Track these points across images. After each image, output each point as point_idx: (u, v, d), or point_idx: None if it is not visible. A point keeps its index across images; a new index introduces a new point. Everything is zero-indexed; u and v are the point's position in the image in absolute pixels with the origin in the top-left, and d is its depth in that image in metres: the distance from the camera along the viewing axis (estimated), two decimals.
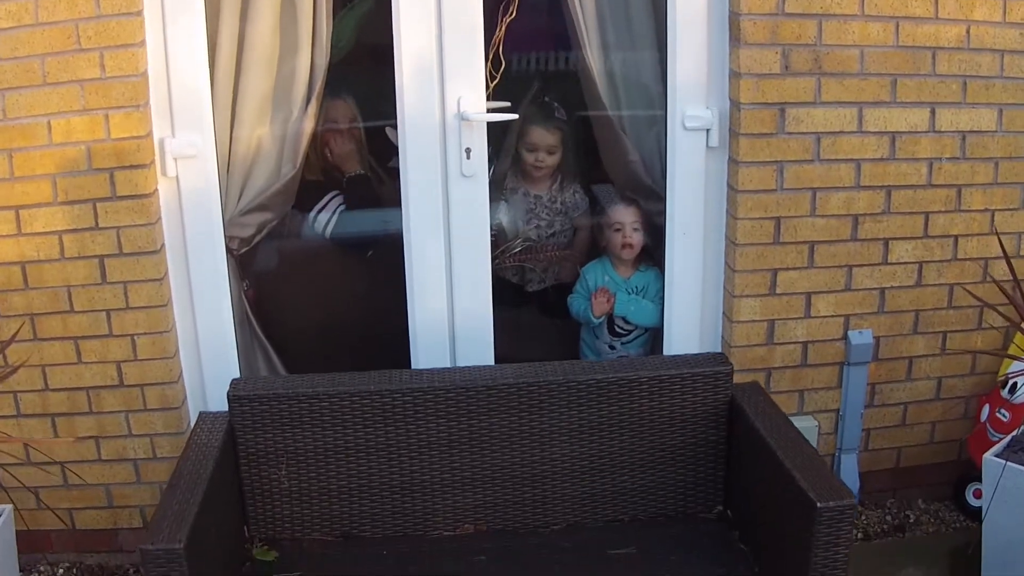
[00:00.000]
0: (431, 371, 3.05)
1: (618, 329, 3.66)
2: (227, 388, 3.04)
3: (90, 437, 3.44)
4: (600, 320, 3.64)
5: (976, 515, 3.59)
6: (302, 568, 2.96)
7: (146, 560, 2.49)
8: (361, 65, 3.69)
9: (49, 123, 3.13)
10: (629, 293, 3.63)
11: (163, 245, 3.30)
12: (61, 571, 3.59)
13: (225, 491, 2.91)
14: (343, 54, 3.62)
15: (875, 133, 3.34)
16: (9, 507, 3.14)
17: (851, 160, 3.35)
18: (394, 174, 3.41)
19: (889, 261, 3.46)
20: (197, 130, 3.24)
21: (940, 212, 3.45)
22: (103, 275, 3.28)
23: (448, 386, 2.96)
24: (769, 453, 2.77)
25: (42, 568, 3.59)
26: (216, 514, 2.77)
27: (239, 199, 3.42)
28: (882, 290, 3.48)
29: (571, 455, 3.04)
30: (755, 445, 2.86)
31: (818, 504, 2.54)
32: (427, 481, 3.03)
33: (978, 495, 3.60)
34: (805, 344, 3.48)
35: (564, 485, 3.07)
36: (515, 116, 3.31)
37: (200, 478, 2.74)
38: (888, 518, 3.69)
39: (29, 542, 3.47)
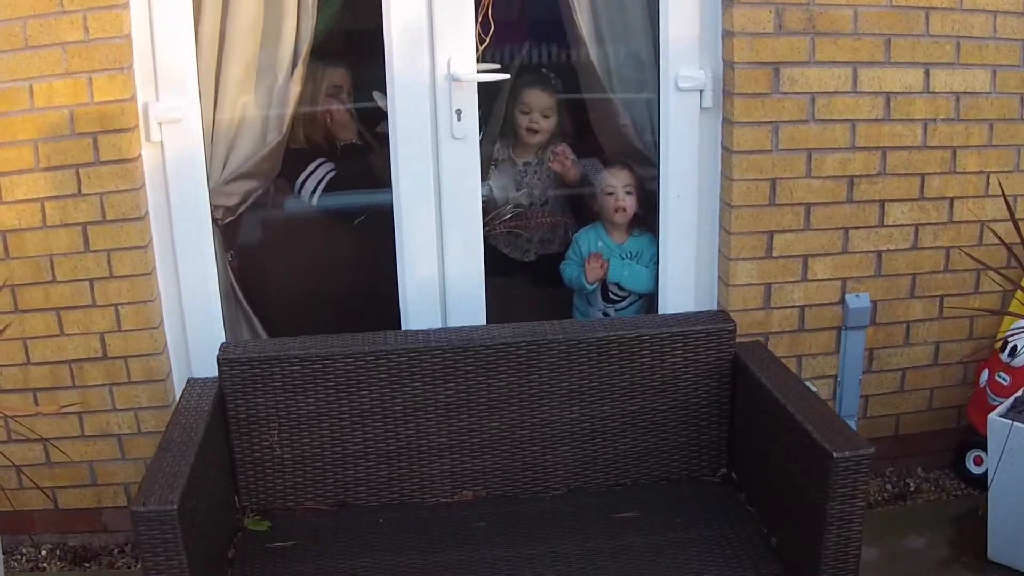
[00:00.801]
0: (427, 331, 2.90)
1: (612, 295, 3.52)
2: (214, 360, 2.87)
3: (73, 412, 3.25)
4: (594, 287, 3.49)
5: (976, 483, 3.48)
6: (297, 538, 2.79)
7: (137, 522, 2.32)
8: (350, 33, 3.53)
9: (31, 87, 2.97)
10: (623, 258, 3.49)
11: (147, 212, 3.14)
12: (44, 552, 3.39)
13: (215, 459, 2.73)
14: (332, 23, 3.47)
15: (869, 93, 3.23)
16: None
17: (846, 121, 3.24)
18: (383, 140, 3.25)
19: (885, 223, 3.34)
20: (181, 94, 3.08)
21: (935, 174, 3.34)
22: (86, 243, 3.11)
23: (444, 346, 2.81)
24: (778, 408, 2.63)
25: (24, 550, 3.39)
26: (207, 482, 2.60)
27: (223, 167, 3.26)
28: (879, 253, 3.36)
29: (571, 417, 2.89)
30: (762, 401, 2.72)
31: (834, 454, 2.40)
32: (424, 446, 2.87)
33: (978, 462, 3.49)
34: (802, 308, 3.36)
35: (564, 449, 2.92)
36: (507, 76, 3.17)
37: (191, 441, 2.58)
38: (888, 487, 3.56)
39: (10, 523, 3.29)
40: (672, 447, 2.95)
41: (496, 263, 3.37)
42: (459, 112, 3.11)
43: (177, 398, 3.22)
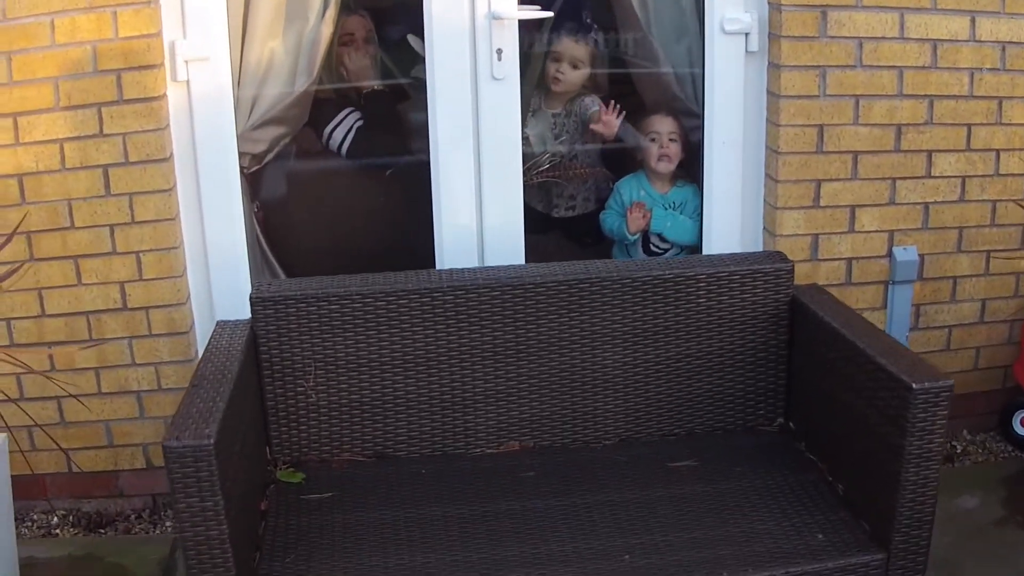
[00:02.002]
0: (474, 269, 2.65)
1: (653, 248, 3.29)
2: (238, 312, 2.62)
3: (89, 368, 2.97)
4: (635, 237, 3.26)
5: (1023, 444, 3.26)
6: (333, 489, 2.53)
7: (170, 460, 2.06)
8: None
9: (52, 22, 2.73)
10: (666, 209, 3.26)
11: (172, 154, 2.89)
12: (56, 519, 3.11)
13: (247, 405, 2.46)
14: None
15: (916, 40, 3.04)
16: (4, 435, 2.65)
17: (893, 67, 3.04)
18: (418, 85, 3.01)
19: (932, 175, 3.14)
20: (210, 32, 2.85)
21: (982, 125, 3.14)
22: (107, 186, 2.86)
23: (493, 284, 2.57)
24: (847, 344, 2.41)
25: (35, 516, 3.11)
26: (240, 425, 2.34)
27: (251, 112, 3.02)
28: (926, 205, 3.16)
29: (623, 361, 2.65)
30: (827, 340, 2.50)
31: (914, 385, 2.17)
32: (468, 393, 2.62)
33: None
34: (849, 260, 3.14)
35: (616, 395, 2.68)
36: (549, 14, 2.96)
37: (225, 378, 2.32)
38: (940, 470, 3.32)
39: (22, 488, 2.96)
40: (727, 394, 2.72)
41: (527, 217, 3.12)
42: (499, 52, 2.88)
43: (200, 352, 2.97)
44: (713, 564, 2.22)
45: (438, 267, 3.03)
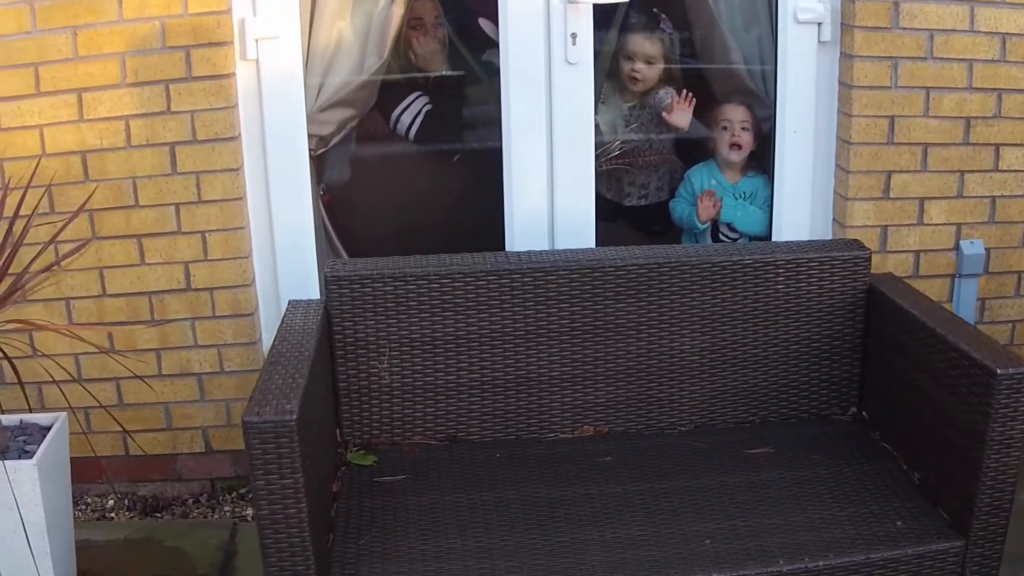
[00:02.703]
0: (552, 252, 2.65)
1: (723, 237, 3.30)
2: (303, 295, 2.65)
3: (150, 349, 2.98)
4: (705, 226, 3.27)
5: None
6: (406, 472, 2.53)
7: (250, 435, 2.04)
8: None
9: None
10: (736, 199, 3.26)
11: (240, 133, 2.89)
12: (111, 502, 3.11)
13: (320, 388, 2.46)
14: None
15: (986, 33, 3.04)
16: (64, 414, 2.64)
17: (963, 60, 3.04)
18: (488, 70, 3.02)
19: (1000, 168, 3.14)
20: (280, 11, 2.85)
21: None
22: (173, 165, 2.87)
23: (571, 266, 2.57)
24: (926, 331, 2.42)
25: (90, 499, 3.11)
26: (316, 404, 2.33)
27: (318, 94, 3.04)
28: (993, 199, 3.16)
29: (700, 347, 2.65)
30: (907, 327, 2.50)
31: (998, 371, 2.17)
32: (544, 376, 2.63)
33: None
34: (917, 253, 3.15)
35: (692, 381, 2.68)
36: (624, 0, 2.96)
37: (303, 356, 2.32)
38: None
39: (77, 470, 2.94)
40: (803, 382, 2.72)
41: (597, 205, 3.13)
42: (574, 36, 2.89)
43: (263, 335, 2.97)
44: (794, 549, 2.22)
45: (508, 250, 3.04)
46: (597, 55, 3.12)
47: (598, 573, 2.16)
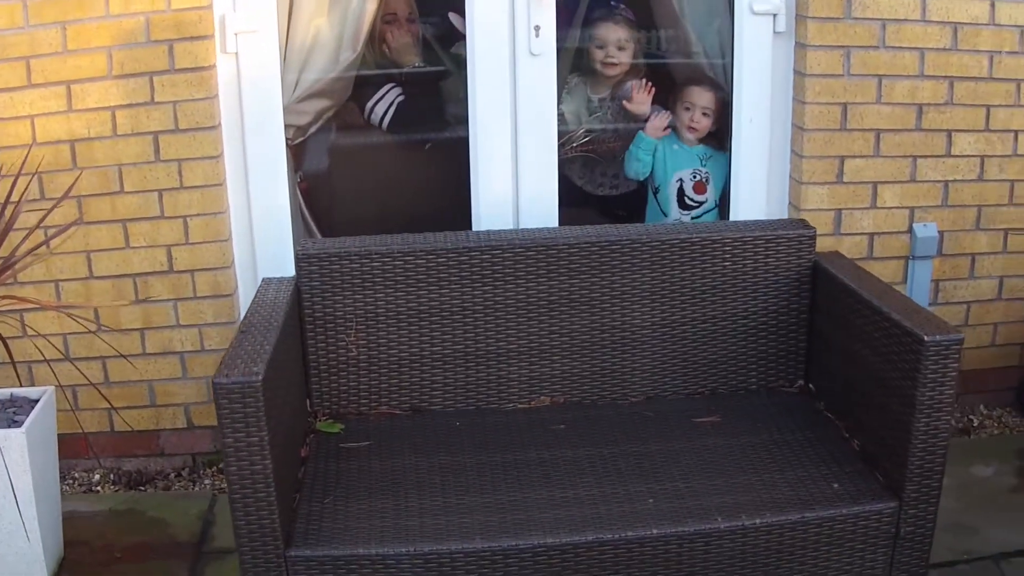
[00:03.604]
0: (509, 230, 2.87)
1: (688, 201, 3.49)
2: (280, 275, 2.84)
3: (135, 329, 3.20)
4: (651, 147, 3.48)
5: None
6: (371, 438, 2.74)
7: (219, 396, 2.24)
8: None
9: None
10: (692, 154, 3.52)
11: (220, 122, 3.12)
12: (97, 476, 3.33)
13: (290, 358, 2.67)
14: None
15: (937, 23, 3.24)
16: (51, 388, 2.88)
17: (915, 48, 3.24)
18: (458, 62, 3.24)
19: (952, 153, 3.33)
20: (259, 6, 3.08)
21: (1001, 106, 3.33)
22: (157, 152, 3.09)
23: (527, 244, 2.78)
24: (864, 303, 2.61)
25: (77, 474, 3.33)
26: (284, 372, 2.55)
27: (296, 85, 3.26)
28: (945, 183, 3.35)
29: (651, 321, 2.86)
30: (846, 301, 2.69)
31: (925, 338, 2.36)
32: (502, 349, 2.83)
33: None
34: (871, 236, 3.34)
35: (643, 354, 2.88)
36: None
37: (271, 327, 2.53)
38: (952, 422, 3.50)
39: (64, 446, 3.17)
40: (751, 355, 2.91)
41: (569, 194, 3.35)
42: (537, 28, 3.11)
43: (242, 314, 3.18)
44: (732, 509, 2.40)
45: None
46: (561, 47, 3.34)
47: (545, 528, 2.35)
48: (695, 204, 3.52)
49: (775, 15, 3.21)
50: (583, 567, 2.32)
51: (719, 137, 3.52)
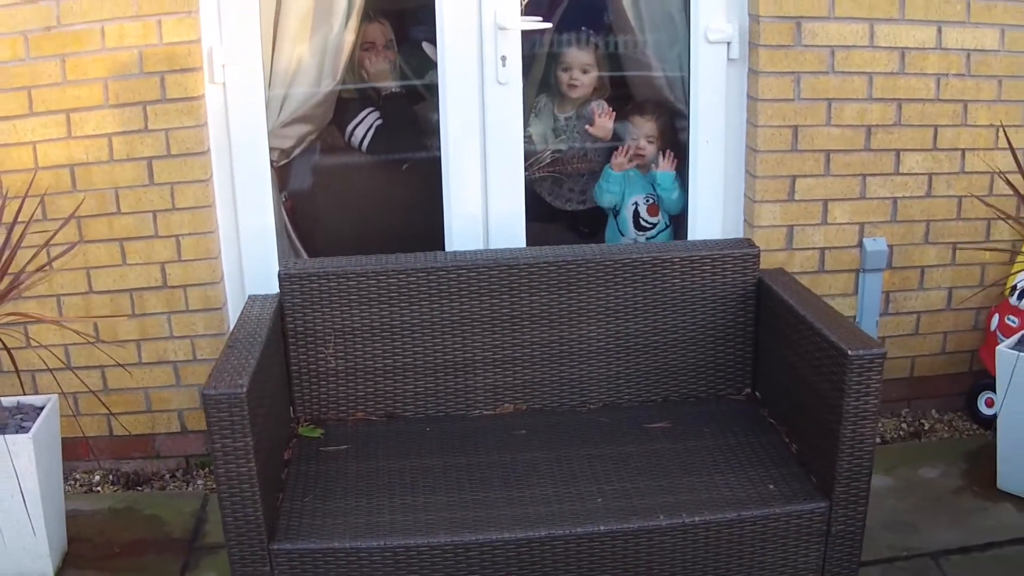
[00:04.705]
0: (474, 251, 3.27)
1: (643, 223, 3.92)
2: (266, 290, 3.25)
3: (131, 340, 3.63)
4: (618, 180, 3.92)
5: (988, 424, 3.85)
6: (348, 443, 3.15)
7: (208, 405, 2.63)
8: None
9: (103, 28, 3.37)
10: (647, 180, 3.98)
11: (209, 148, 3.53)
12: (97, 477, 3.75)
13: (274, 367, 3.09)
14: None
15: (885, 48, 3.62)
16: (55, 396, 3.30)
17: (864, 73, 3.63)
18: (432, 88, 3.66)
19: (900, 172, 3.73)
20: (244, 39, 3.48)
21: (948, 126, 3.72)
22: (151, 176, 3.50)
23: (491, 264, 3.18)
24: (799, 318, 3.00)
25: (78, 476, 3.75)
26: (268, 382, 2.96)
27: (280, 110, 3.67)
28: (894, 200, 3.75)
29: (606, 334, 3.26)
30: (785, 316, 3.09)
31: (849, 352, 2.73)
32: (468, 360, 3.24)
33: (990, 404, 3.85)
34: (822, 250, 3.74)
35: (599, 365, 3.28)
36: (548, 24, 3.61)
37: (255, 342, 2.92)
38: (904, 426, 3.93)
39: (66, 449, 3.59)
40: (700, 366, 3.32)
41: (539, 210, 3.78)
42: (504, 59, 3.52)
43: (232, 326, 3.61)
44: (674, 507, 2.79)
45: (447, 249, 3.67)
46: (528, 72, 3.75)
47: (502, 525, 2.74)
48: (650, 225, 3.95)
49: (728, 43, 3.62)
50: (537, 561, 2.71)
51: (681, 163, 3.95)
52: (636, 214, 3.95)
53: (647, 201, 3.96)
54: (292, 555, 2.69)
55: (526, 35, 3.56)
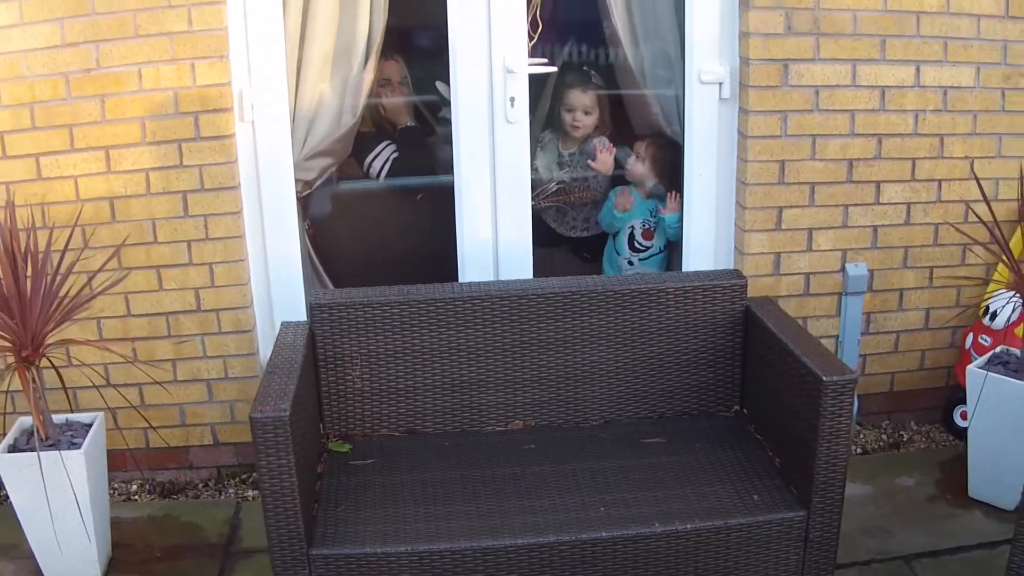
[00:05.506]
0: (487, 283, 3.91)
1: (637, 245, 4.59)
2: (294, 313, 3.87)
3: (167, 359, 4.25)
4: (622, 217, 4.60)
5: (963, 435, 4.48)
6: (374, 457, 3.79)
7: (255, 427, 3.22)
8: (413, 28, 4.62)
9: (140, 71, 3.94)
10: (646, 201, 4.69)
11: (240, 182, 4.13)
12: (135, 487, 4.38)
13: (307, 392, 3.70)
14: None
15: (867, 87, 4.23)
16: (102, 413, 3.92)
17: (846, 111, 4.24)
18: (443, 124, 4.29)
19: (881, 201, 4.35)
20: (271, 80, 4.08)
21: (925, 158, 4.34)
22: (185, 208, 4.10)
23: (503, 294, 3.81)
24: (781, 345, 3.62)
25: (116, 485, 4.37)
26: (304, 404, 3.59)
27: (303, 145, 4.29)
28: (875, 228, 4.38)
29: (607, 358, 3.89)
30: (769, 342, 3.72)
31: (824, 378, 3.33)
32: (482, 381, 3.87)
33: (965, 416, 4.44)
34: (807, 275, 4.38)
35: (601, 385, 3.92)
36: (553, 68, 4.24)
37: (293, 367, 3.53)
38: (884, 437, 4.59)
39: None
40: (693, 385, 3.96)
41: (545, 235, 4.44)
42: (512, 99, 4.15)
43: (260, 347, 4.26)
44: (668, 516, 3.38)
45: (460, 274, 4.30)
46: (535, 109, 4.39)
47: (515, 531, 3.35)
48: (643, 248, 4.62)
49: (720, 84, 4.24)
50: (546, 563, 3.31)
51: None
52: (632, 237, 4.61)
53: (643, 226, 4.63)
54: (329, 560, 3.29)
55: (533, 76, 4.17)
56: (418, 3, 4.57)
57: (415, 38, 4.84)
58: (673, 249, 4.67)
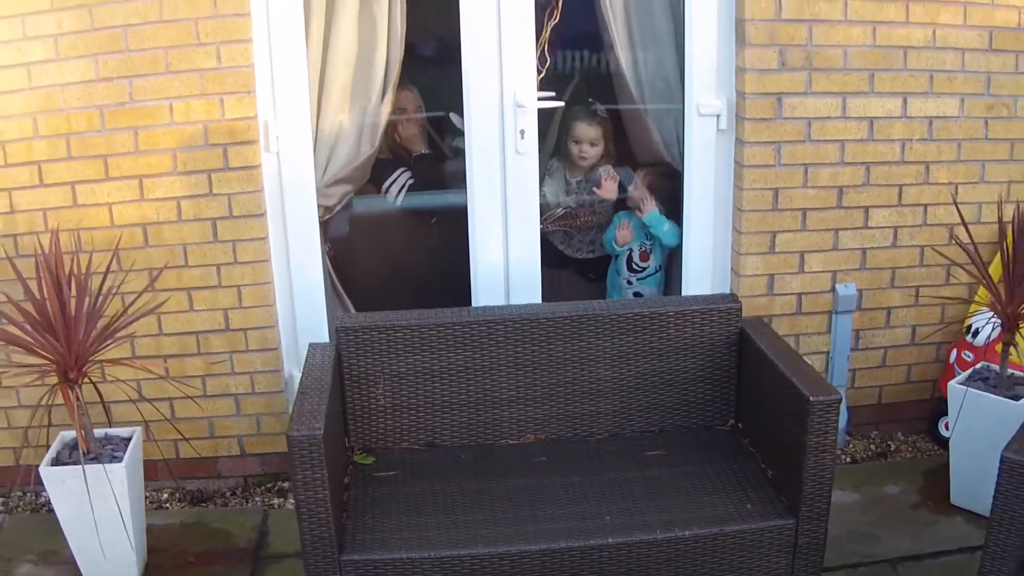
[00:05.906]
0: (500, 307, 4.38)
1: (635, 266, 5.09)
2: (317, 333, 4.34)
3: (197, 375, 4.70)
4: (622, 249, 5.11)
5: (947, 444, 4.92)
6: (396, 469, 4.25)
7: (292, 445, 3.64)
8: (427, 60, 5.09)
9: (171, 105, 4.34)
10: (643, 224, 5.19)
11: (266, 210, 4.57)
12: (165, 495, 4.84)
13: (335, 409, 4.13)
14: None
15: (856, 118, 4.66)
16: (139, 428, 4.38)
17: (837, 141, 4.66)
18: (456, 152, 4.76)
19: (869, 225, 4.79)
20: (295, 114, 4.53)
21: (912, 185, 4.78)
22: (215, 235, 4.53)
23: (515, 318, 4.27)
24: (772, 365, 4.08)
25: (148, 493, 4.80)
26: (332, 422, 4.04)
27: (324, 173, 4.75)
28: (864, 250, 4.83)
29: (612, 376, 4.35)
30: (761, 363, 4.18)
31: (811, 398, 3.77)
32: (496, 398, 4.32)
33: (949, 427, 4.94)
34: (799, 295, 4.83)
35: (606, 401, 4.37)
36: (561, 103, 4.70)
37: (323, 388, 3.98)
38: (872, 447, 5.06)
39: None
40: (691, 401, 4.43)
41: (553, 257, 4.96)
42: (523, 132, 4.61)
43: (285, 364, 4.72)
44: (668, 523, 3.80)
45: (473, 293, 4.76)
46: (544, 139, 4.86)
47: (528, 538, 3.76)
48: (640, 269, 5.13)
49: (718, 116, 4.70)
50: (557, 568, 3.73)
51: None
52: (630, 259, 5.12)
53: (640, 248, 5.14)
54: (359, 565, 3.71)
55: (542, 110, 4.65)
56: (433, 35, 5.04)
57: (428, 66, 5.33)
58: (672, 262, 5.13)
